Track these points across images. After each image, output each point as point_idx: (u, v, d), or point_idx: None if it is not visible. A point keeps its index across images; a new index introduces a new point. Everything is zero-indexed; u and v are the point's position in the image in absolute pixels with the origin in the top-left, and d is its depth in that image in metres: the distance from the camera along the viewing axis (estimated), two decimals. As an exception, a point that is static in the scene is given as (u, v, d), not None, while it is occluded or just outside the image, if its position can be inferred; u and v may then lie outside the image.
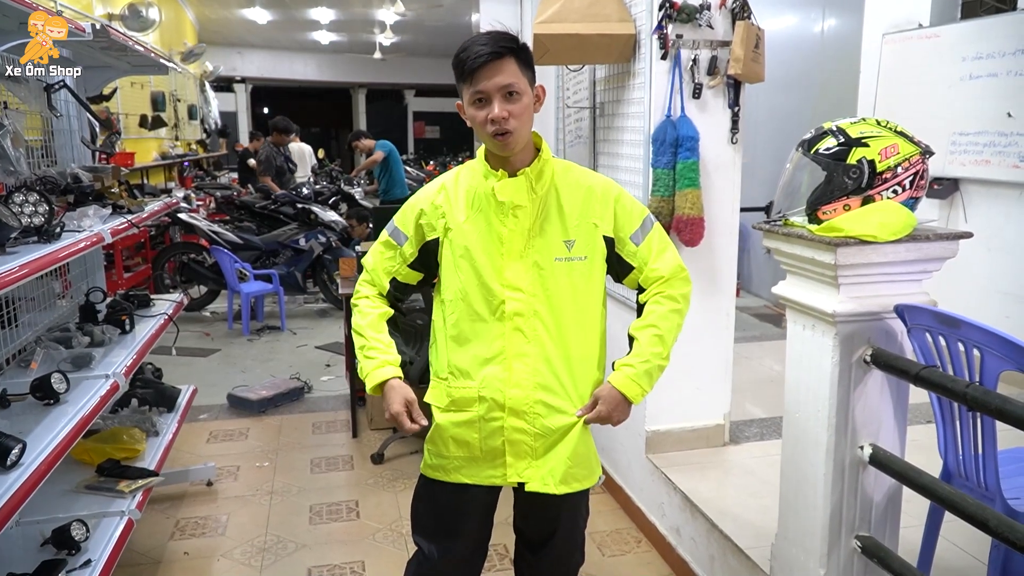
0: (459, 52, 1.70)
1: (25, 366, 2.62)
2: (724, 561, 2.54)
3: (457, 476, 1.86)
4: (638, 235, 1.84)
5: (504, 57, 1.66)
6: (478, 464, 1.84)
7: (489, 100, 1.68)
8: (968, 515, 1.55)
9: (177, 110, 9.73)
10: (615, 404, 1.80)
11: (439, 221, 1.82)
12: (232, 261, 6.27)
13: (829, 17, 6.00)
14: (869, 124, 1.86)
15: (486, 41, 1.67)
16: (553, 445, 1.81)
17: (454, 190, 1.83)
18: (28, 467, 1.92)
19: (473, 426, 1.82)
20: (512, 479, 1.82)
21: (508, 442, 1.80)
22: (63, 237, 2.40)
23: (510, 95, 1.68)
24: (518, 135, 1.71)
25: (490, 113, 1.67)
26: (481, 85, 1.67)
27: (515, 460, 1.81)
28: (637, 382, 1.79)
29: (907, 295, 1.85)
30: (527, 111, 1.72)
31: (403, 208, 1.90)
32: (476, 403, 1.80)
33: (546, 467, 1.82)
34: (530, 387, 1.78)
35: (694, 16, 2.77)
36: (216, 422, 4.43)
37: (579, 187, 1.82)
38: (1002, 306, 4.03)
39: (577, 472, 1.84)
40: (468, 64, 1.66)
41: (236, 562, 2.98)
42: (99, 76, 3.55)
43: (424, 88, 18.24)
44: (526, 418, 1.79)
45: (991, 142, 4.01)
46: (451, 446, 1.85)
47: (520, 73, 1.69)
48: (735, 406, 3.24)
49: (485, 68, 1.66)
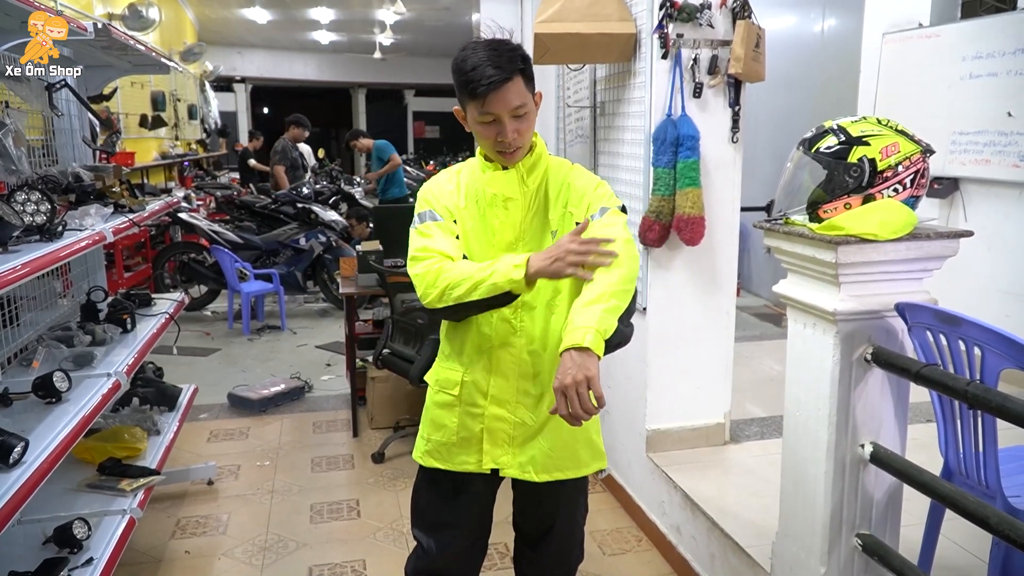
0: (466, 69, 1.66)
1: (27, 365, 2.62)
2: (725, 559, 2.54)
3: (431, 460, 1.89)
4: (595, 215, 1.75)
5: (514, 77, 1.67)
6: (451, 450, 1.87)
7: (500, 120, 1.69)
8: (969, 513, 1.55)
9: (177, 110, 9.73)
10: (567, 368, 1.49)
11: (455, 205, 1.82)
12: (232, 261, 6.27)
13: (829, 17, 6.00)
14: (870, 123, 1.87)
15: (494, 61, 1.65)
16: (534, 435, 1.84)
17: (457, 182, 1.85)
18: (30, 465, 1.92)
19: (452, 410, 1.86)
20: (487, 465, 1.85)
21: (487, 430, 1.83)
22: (65, 236, 2.40)
23: (519, 116, 1.70)
24: (525, 147, 1.76)
25: (500, 135, 1.69)
26: (493, 108, 1.67)
27: (491, 447, 1.84)
28: (582, 328, 1.53)
29: (908, 293, 1.86)
30: (532, 123, 1.75)
31: (424, 196, 1.84)
32: (458, 387, 1.84)
33: (526, 455, 1.85)
34: (513, 376, 1.81)
35: (695, 15, 2.78)
36: (217, 421, 4.43)
37: (564, 180, 1.83)
38: (1002, 305, 4.03)
39: (560, 462, 1.86)
40: (480, 89, 1.65)
41: (237, 561, 2.98)
42: (100, 75, 3.55)
43: (424, 88, 18.22)
44: (507, 407, 1.82)
45: (991, 141, 4.01)
46: (430, 427, 1.90)
47: (526, 90, 1.71)
48: (735, 406, 3.24)
49: (497, 92, 1.65)
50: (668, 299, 3.02)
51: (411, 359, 3.39)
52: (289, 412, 4.58)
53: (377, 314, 4.75)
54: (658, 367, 3.06)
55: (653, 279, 3.01)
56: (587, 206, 1.76)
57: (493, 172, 1.79)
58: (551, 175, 1.83)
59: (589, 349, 1.50)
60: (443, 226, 1.78)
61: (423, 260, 1.73)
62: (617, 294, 1.60)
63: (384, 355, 3.59)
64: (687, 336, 3.07)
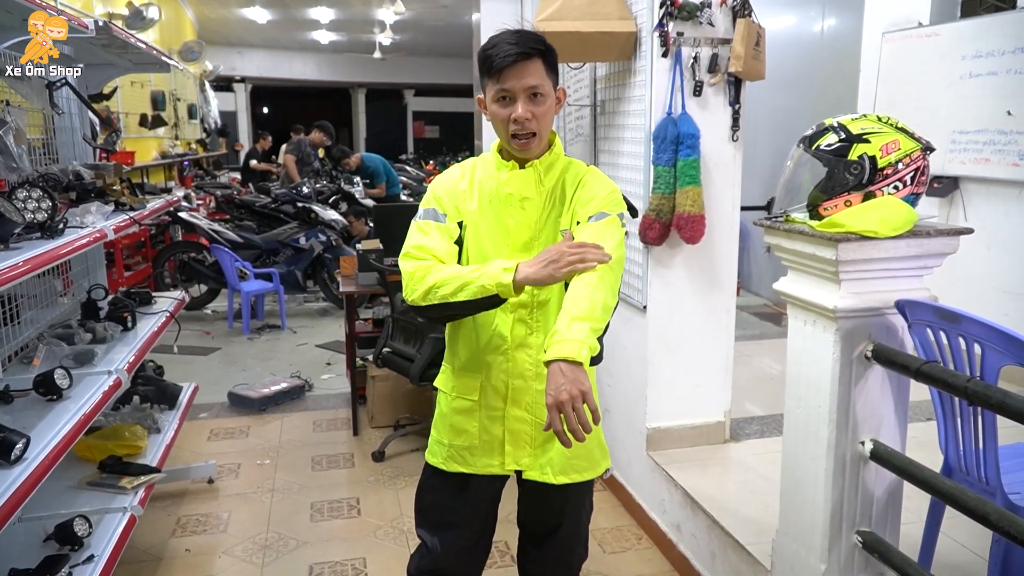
0: (487, 47, 1.68)
1: (28, 362, 2.62)
2: (725, 557, 2.54)
3: (453, 465, 1.88)
4: (593, 217, 1.73)
5: (532, 58, 1.66)
6: (474, 453, 1.86)
7: (514, 99, 1.68)
8: (969, 509, 1.56)
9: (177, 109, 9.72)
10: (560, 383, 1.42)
11: (464, 204, 1.80)
12: (233, 260, 6.27)
13: (829, 16, 6.01)
14: (870, 120, 1.87)
15: (515, 40, 1.66)
16: (553, 436, 1.81)
17: (471, 178, 1.83)
18: (32, 462, 1.92)
19: (473, 415, 1.85)
20: (510, 467, 1.85)
21: (508, 432, 1.83)
22: (66, 233, 2.40)
23: (535, 96, 1.68)
24: (541, 137, 1.72)
25: (513, 112, 1.68)
26: (508, 84, 1.67)
27: (514, 449, 1.84)
28: (574, 341, 1.48)
29: (908, 291, 1.86)
30: (549, 113, 1.72)
31: (433, 192, 1.84)
32: (477, 391, 1.83)
33: (545, 457, 1.84)
34: (532, 377, 1.80)
35: (695, 14, 2.78)
36: (217, 420, 4.43)
37: (580, 181, 1.81)
38: (1001, 303, 4.04)
39: (577, 463, 1.86)
40: (497, 62, 1.65)
41: (238, 559, 2.98)
42: (100, 74, 3.55)
43: (424, 88, 18.24)
44: (528, 408, 1.81)
45: (991, 140, 4.02)
46: (451, 433, 1.88)
47: (546, 75, 1.70)
48: (734, 405, 3.24)
49: (513, 67, 1.65)
50: (668, 297, 3.03)
51: (411, 358, 3.40)
52: (289, 411, 4.58)
53: (377, 313, 4.74)
54: (658, 365, 3.06)
55: (653, 277, 3.01)
56: (583, 211, 1.74)
57: (510, 171, 1.77)
58: (568, 175, 1.81)
59: (580, 364, 1.44)
60: (444, 228, 1.77)
61: (416, 259, 1.72)
62: (604, 313, 1.57)
63: (384, 354, 3.59)
64: (687, 334, 3.07)
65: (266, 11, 11.34)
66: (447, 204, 1.80)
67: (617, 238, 1.70)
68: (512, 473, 1.88)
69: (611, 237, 1.68)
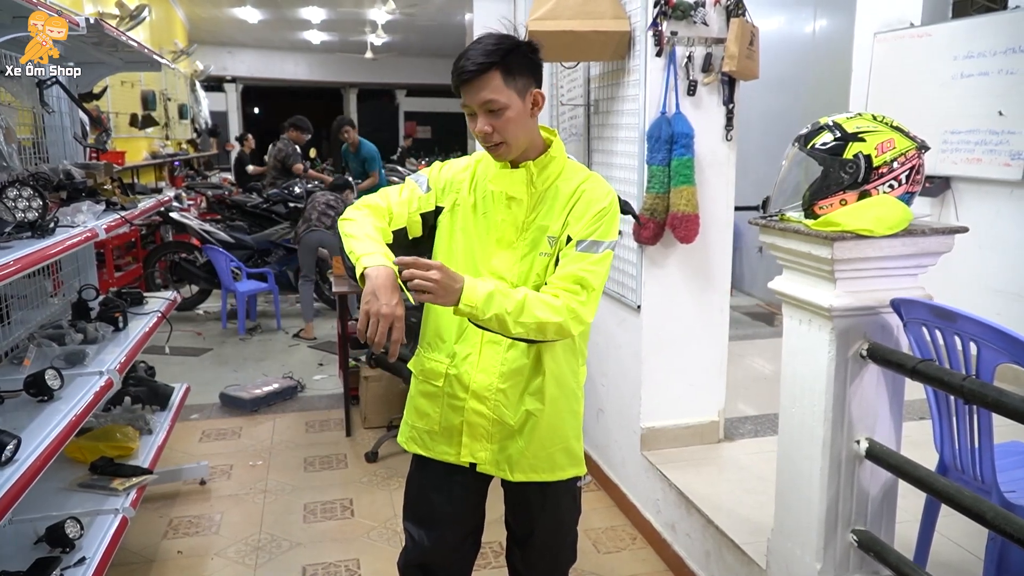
0: (456, 59, 1.70)
1: (18, 363, 2.59)
2: (720, 556, 2.54)
3: (413, 447, 1.94)
4: (584, 244, 1.72)
5: (488, 71, 1.64)
6: (434, 439, 1.91)
7: (475, 114, 1.70)
8: (964, 508, 1.56)
9: (168, 109, 9.66)
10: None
11: (457, 194, 1.84)
12: (227, 260, 6.25)
13: (821, 17, 6.02)
14: (865, 119, 1.87)
15: (471, 55, 1.66)
16: (512, 434, 1.84)
17: (473, 171, 1.86)
18: (23, 463, 1.90)
19: (436, 400, 1.88)
20: (465, 458, 1.87)
21: (467, 423, 1.85)
22: (57, 232, 2.39)
23: (492, 111, 1.67)
24: (511, 145, 1.72)
25: (474, 127, 1.71)
26: (466, 100, 1.69)
27: (470, 441, 1.86)
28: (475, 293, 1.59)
29: (903, 289, 1.86)
30: (513, 122, 1.69)
31: (436, 165, 1.90)
32: (442, 378, 1.86)
33: (503, 453, 1.86)
34: (495, 375, 1.81)
35: (689, 13, 2.78)
36: (209, 421, 4.41)
37: (577, 188, 1.78)
38: (993, 303, 4.05)
39: (536, 463, 1.87)
40: (454, 79, 1.69)
41: (230, 561, 2.97)
42: (92, 73, 3.52)
43: (416, 88, 18.20)
44: (487, 404, 1.83)
45: (982, 140, 4.04)
46: (414, 415, 1.94)
47: (504, 86, 1.66)
48: (728, 404, 3.25)
49: (468, 84, 1.66)
50: (662, 297, 3.03)
51: (404, 358, 3.37)
52: (282, 412, 4.56)
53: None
54: (652, 365, 3.06)
55: (647, 277, 3.01)
56: (577, 227, 1.72)
57: (501, 169, 1.78)
58: (564, 179, 1.79)
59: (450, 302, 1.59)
60: (421, 198, 1.83)
61: (373, 203, 1.81)
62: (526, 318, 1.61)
63: (377, 354, 3.57)
64: (681, 334, 3.07)
65: (257, 11, 11.28)
66: (439, 183, 1.85)
67: (594, 283, 1.69)
68: (467, 464, 1.89)
69: (592, 278, 1.68)
